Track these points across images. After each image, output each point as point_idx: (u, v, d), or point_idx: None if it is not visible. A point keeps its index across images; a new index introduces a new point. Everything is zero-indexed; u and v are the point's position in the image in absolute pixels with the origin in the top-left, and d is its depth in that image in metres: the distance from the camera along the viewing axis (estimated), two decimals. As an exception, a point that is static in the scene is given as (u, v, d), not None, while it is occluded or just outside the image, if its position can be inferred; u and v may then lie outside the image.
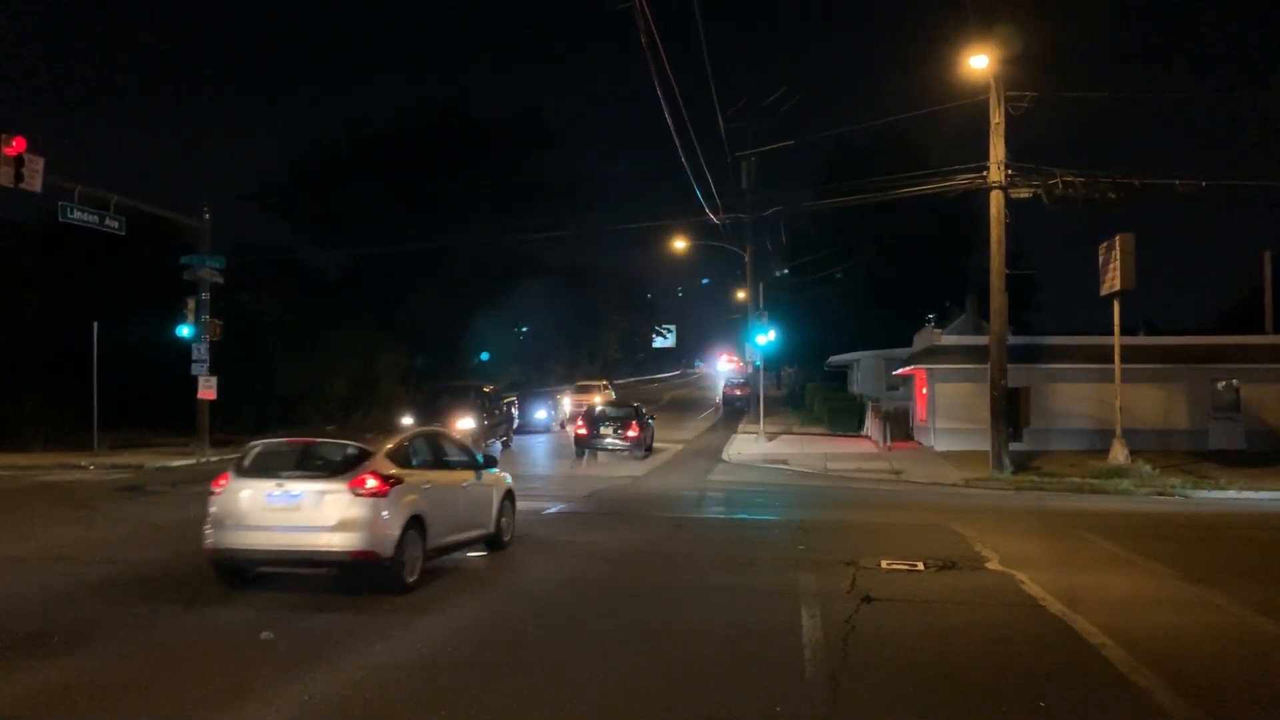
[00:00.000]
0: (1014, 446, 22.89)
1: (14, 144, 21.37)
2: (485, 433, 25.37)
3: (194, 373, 27.88)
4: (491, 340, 58.81)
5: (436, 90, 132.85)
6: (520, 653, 7.25)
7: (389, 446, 9.81)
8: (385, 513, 9.10)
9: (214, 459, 26.76)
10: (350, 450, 9.72)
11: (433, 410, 25.88)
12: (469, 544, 11.01)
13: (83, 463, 24.87)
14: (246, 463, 9.87)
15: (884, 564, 10.75)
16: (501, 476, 12.23)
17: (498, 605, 9.07)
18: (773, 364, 60.33)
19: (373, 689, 6.30)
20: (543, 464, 26.38)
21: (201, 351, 27.92)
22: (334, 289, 50.18)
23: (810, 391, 49.29)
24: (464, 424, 25.13)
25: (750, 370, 47.51)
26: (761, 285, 39.34)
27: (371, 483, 9.11)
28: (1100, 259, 23.52)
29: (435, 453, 10.87)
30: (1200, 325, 45.45)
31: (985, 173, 22.47)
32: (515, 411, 33.11)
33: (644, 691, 6.32)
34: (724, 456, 28.81)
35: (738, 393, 54.93)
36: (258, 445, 10.21)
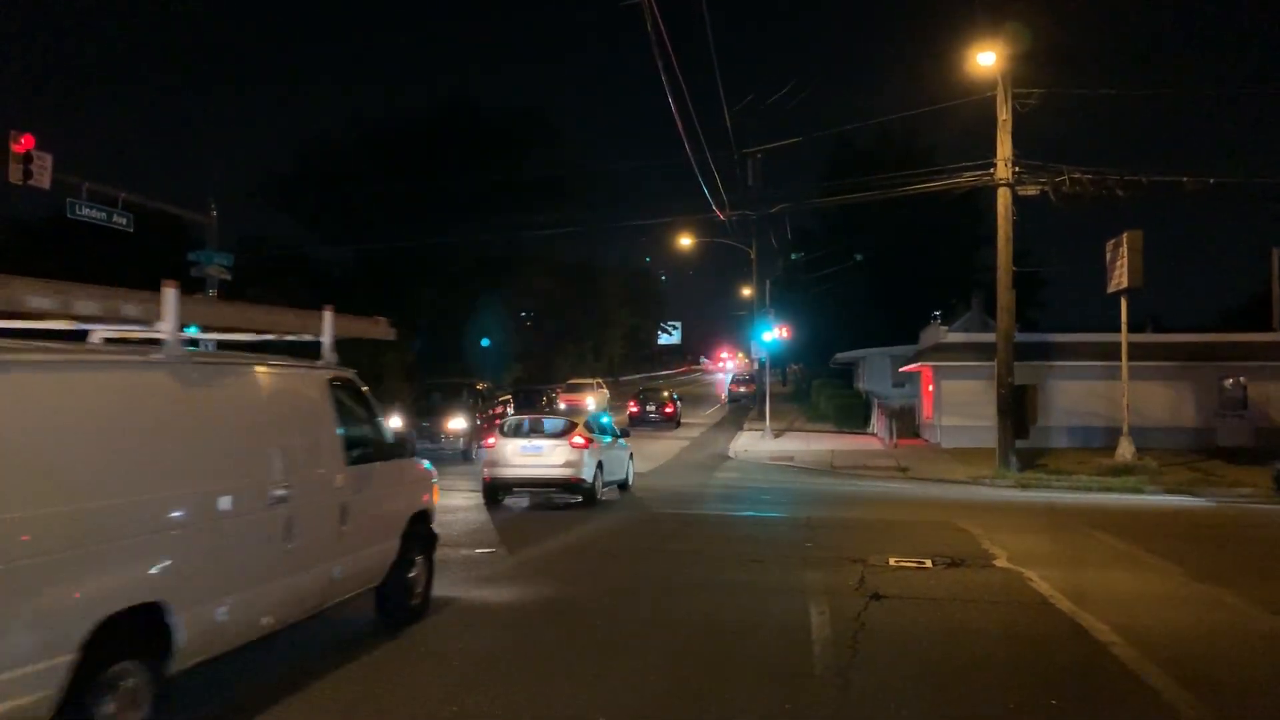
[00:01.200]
0: (1020, 444, 22.89)
1: (23, 141, 21.41)
2: (477, 432, 23.69)
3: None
4: (496, 337, 58.83)
5: (442, 85, 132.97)
6: (539, 656, 7.26)
7: (585, 421, 17.27)
8: (586, 457, 16.08)
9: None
10: (566, 422, 16.93)
11: (423, 409, 24.92)
12: (614, 484, 17.69)
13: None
14: (505, 429, 16.86)
15: (892, 561, 10.75)
16: (628, 447, 19.05)
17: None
18: (778, 361, 60.31)
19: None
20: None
21: (209, 348, 27.94)
22: (340, 285, 50.17)
23: (816, 388, 49.27)
24: (455, 423, 24.10)
25: (755, 367, 47.47)
26: (768, 282, 39.30)
27: (579, 440, 16.16)
28: (1108, 256, 23.49)
29: (601, 428, 17.69)
30: (1208, 323, 45.38)
31: (992, 170, 22.45)
32: (510, 410, 32.06)
33: (651, 687, 6.33)
34: (730, 453, 28.84)
35: (743, 389, 54.93)
36: (511, 419, 17.83)
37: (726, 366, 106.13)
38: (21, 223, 43.19)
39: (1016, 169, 22.28)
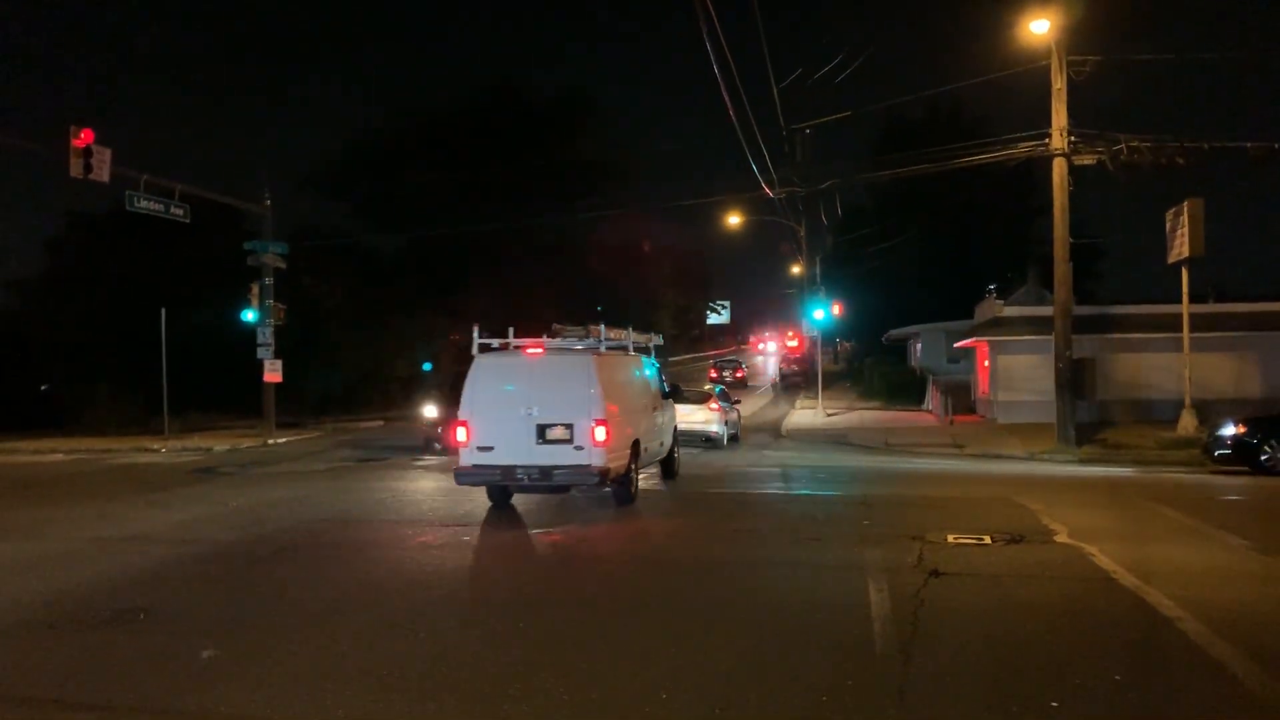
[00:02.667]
0: (1079, 418, 22.54)
1: (83, 136, 21.94)
2: None
3: (259, 357, 28.43)
4: (546, 320, 59.12)
5: (488, 70, 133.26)
6: (586, 626, 7.34)
7: (715, 392, 25.42)
8: (719, 418, 23.91)
9: (281, 440, 27.37)
10: (705, 391, 25.31)
11: (454, 394, 23.33)
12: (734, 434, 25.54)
13: (155, 446, 25.58)
14: (673, 385, 19.88)
15: (950, 538, 10.67)
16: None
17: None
18: (829, 338, 59.83)
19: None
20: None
21: (266, 335, 28.46)
22: (392, 272, 50.73)
23: (869, 365, 48.89)
24: None
25: (808, 345, 47.22)
26: (818, 259, 39.01)
27: (714, 405, 24.08)
28: (1168, 225, 23.00)
29: (726, 397, 25.55)
30: (1272, 292, 44.18)
31: (1047, 140, 22.02)
32: None
33: (713, 665, 6.37)
34: (783, 432, 28.76)
35: (794, 368, 54.63)
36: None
37: (767, 349, 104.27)
38: (82, 215, 44.17)
39: (1072, 138, 21.84)
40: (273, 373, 28.39)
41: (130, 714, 5.55)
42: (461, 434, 13.39)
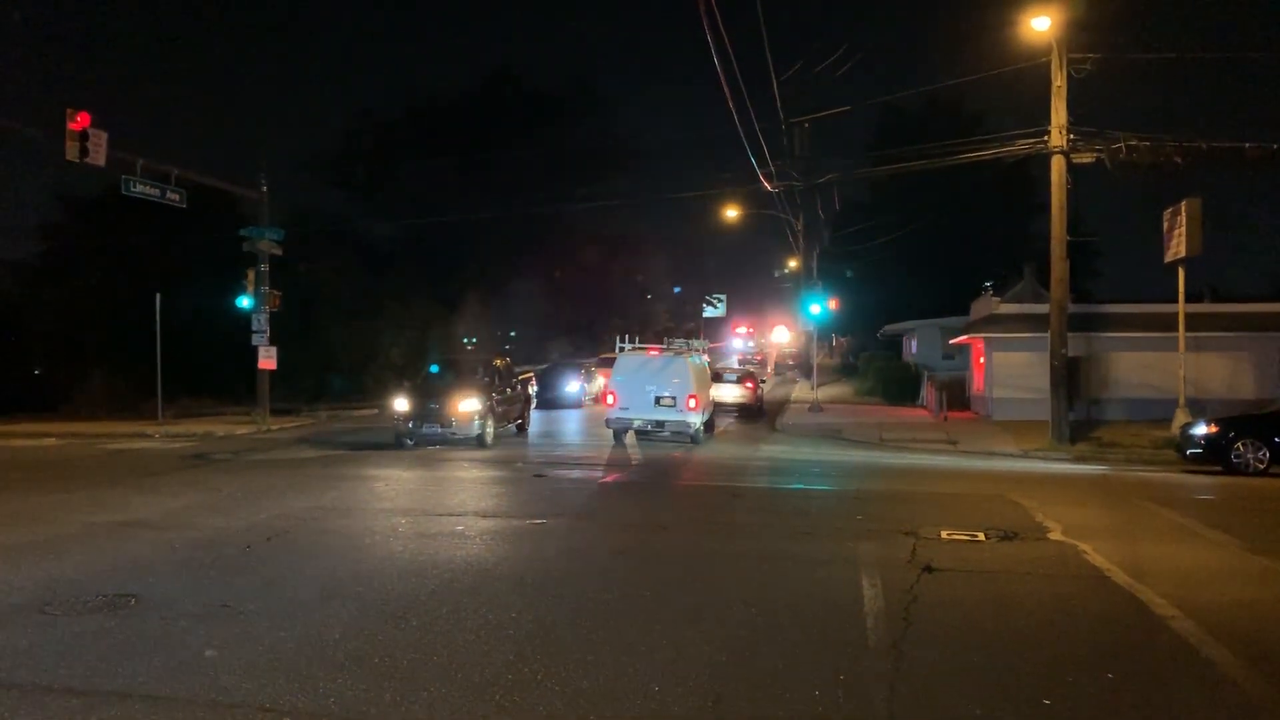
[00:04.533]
0: (1074, 416, 22.55)
1: (79, 119, 21.84)
2: (488, 413, 21.46)
3: (254, 343, 28.37)
4: (541, 310, 59.02)
5: (487, 58, 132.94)
6: (581, 618, 7.33)
7: (752, 371, 37.69)
8: (756, 393, 34.21)
9: (275, 428, 27.32)
10: (744, 373, 35.49)
11: (432, 387, 22.13)
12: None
13: (149, 431, 25.52)
14: (716, 370, 29.24)
15: (944, 534, 10.68)
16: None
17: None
18: (825, 333, 59.89)
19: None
20: (587, 434, 26.56)
21: (261, 322, 28.40)
22: (389, 259, 50.67)
23: (864, 361, 48.91)
24: (466, 405, 21.05)
25: (803, 339, 47.25)
26: (815, 253, 38.98)
27: (749, 385, 34.06)
28: (1165, 225, 23.00)
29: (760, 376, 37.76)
30: (1268, 292, 44.25)
31: (1046, 137, 22.02)
32: (532, 389, 29.16)
33: (704, 657, 6.37)
34: (777, 426, 28.77)
35: (790, 362, 54.72)
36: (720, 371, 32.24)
37: (738, 342, 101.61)
38: (75, 199, 44.02)
39: (1071, 136, 21.83)
40: (267, 359, 28.34)
41: (121, 699, 5.53)
42: (610, 399, 22.91)
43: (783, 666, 6.21)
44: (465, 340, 47.44)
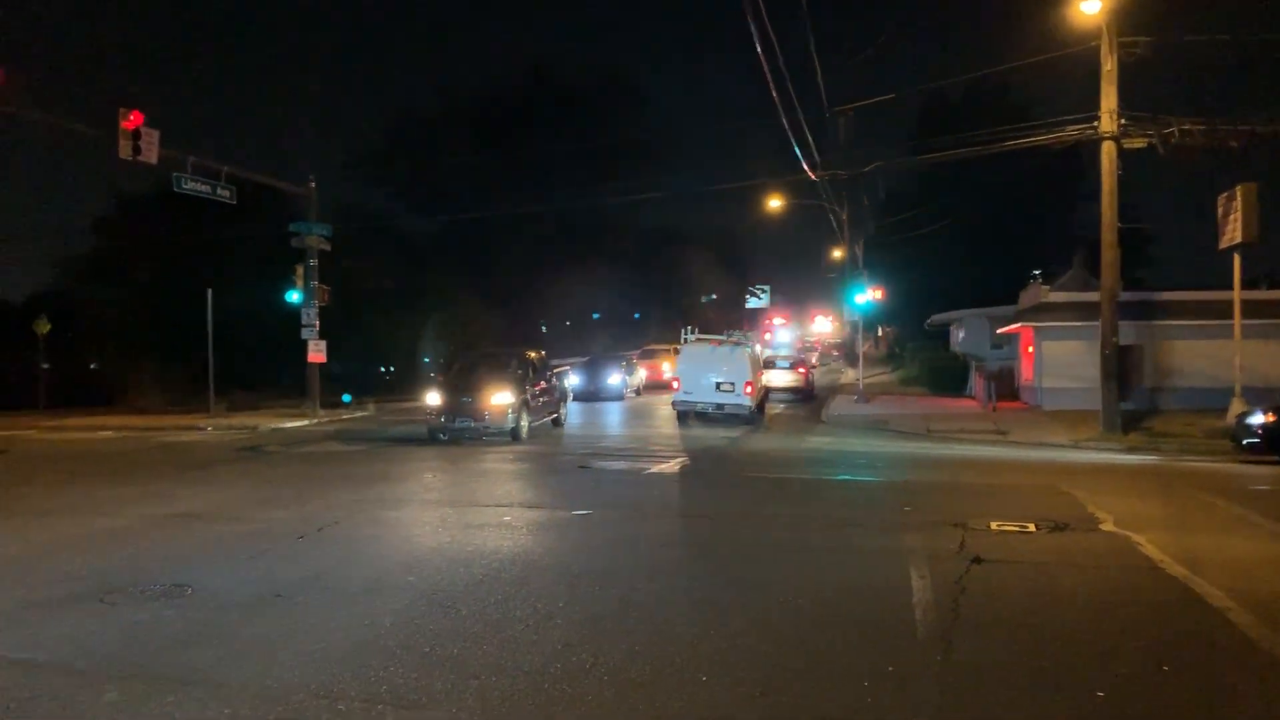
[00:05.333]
0: (1126, 406, 22.17)
1: (132, 118, 22.25)
2: (522, 406, 21.20)
3: (303, 337, 28.75)
4: (582, 303, 59.12)
5: (527, 52, 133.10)
6: (627, 608, 7.36)
7: (803, 358, 41.64)
8: (808, 379, 36.95)
9: (325, 420, 27.68)
10: (796, 359, 39.03)
11: (464, 381, 21.97)
12: None
13: (201, 424, 25.97)
14: (769, 358, 34.42)
15: (993, 525, 10.56)
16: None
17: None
18: (870, 323, 59.45)
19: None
20: (629, 426, 26.60)
21: (310, 316, 28.76)
22: (431, 254, 51.07)
23: (910, 351, 48.47)
24: (499, 398, 20.80)
25: (847, 330, 46.95)
26: (860, 244, 38.67)
27: (801, 370, 36.84)
28: (1219, 210, 22.51)
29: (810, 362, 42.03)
30: (1327, 278, 43.10)
31: (1095, 123, 21.62)
32: (569, 383, 28.76)
33: (751, 647, 6.36)
34: (823, 418, 28.60)
35: (834, 352, 54.38)
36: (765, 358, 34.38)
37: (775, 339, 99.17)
38: (128, 196, 44.85)
39: (1122, 121, 21.43)
40: (316, 353, 28.71)
41: (181, 685, 5.64)
42: (675, 384, 25.62)
43: (830, 657, 6.19)
44: (501, 332, 47.64)
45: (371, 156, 55.91)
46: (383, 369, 40.73)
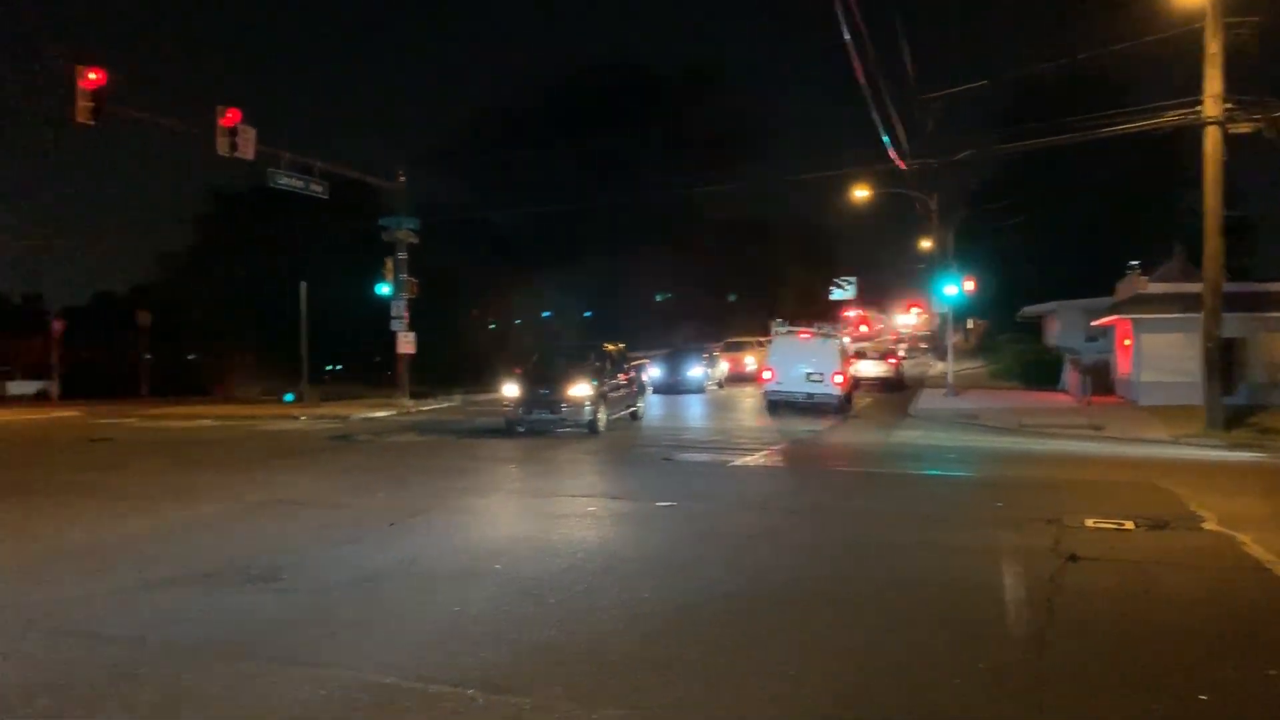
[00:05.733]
0: (1230, 401, 21.33)
1: (229, 115, 22.90)
2: (600, 399, 20.98)
3: (393, 329, 29.32)
4: (664, 297, 59.14)
5: (610, 42, 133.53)
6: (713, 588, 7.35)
7: (892, 349, 44.66)
8: (898, 369, 39.26)
9: (413, 410, 28.22)
10: (886, 351, 41.66)
11: (542, 373, 22.00)
12: None
13: (295, 414, 26.70)
14: (859, 349, 38.12)
15: (1089, 522, 10.27)
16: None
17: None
18: (959, 314, 58.27)
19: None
20: (711, 418, 26.54)
21: (400, 308, 29.33)
22: (515, 247, 51.61)
23: (1001, 344, 47.36)
24: (577, 391, 20.74)
25: (935, 321, 46.18)
26: (950, 234, 37.93)
27: (891, 361, 39.32)
28: (1333, 197, 21.51)
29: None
30: None
31: (1199, 108, 20.80)
32: (647, 376, 28.38)
33: (838, 643, 6.30)
34: (910, 411, 28.14)
35: (922, 345, 53.50)
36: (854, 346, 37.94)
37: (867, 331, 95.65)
38: (225, 192, 46.32)
39: (1227, 105, 20.57)
40: (406, 345, 29.27)
41: (281, 666, 5.81)
42: (767, 374, 26.58)
43: (920, 654, 6.09)
44: (584, 325, 47.92)
45: (455, 149, 56.76)
46: (468, 360, 41.32)
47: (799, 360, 25.94)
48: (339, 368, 37.37)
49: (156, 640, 6.36)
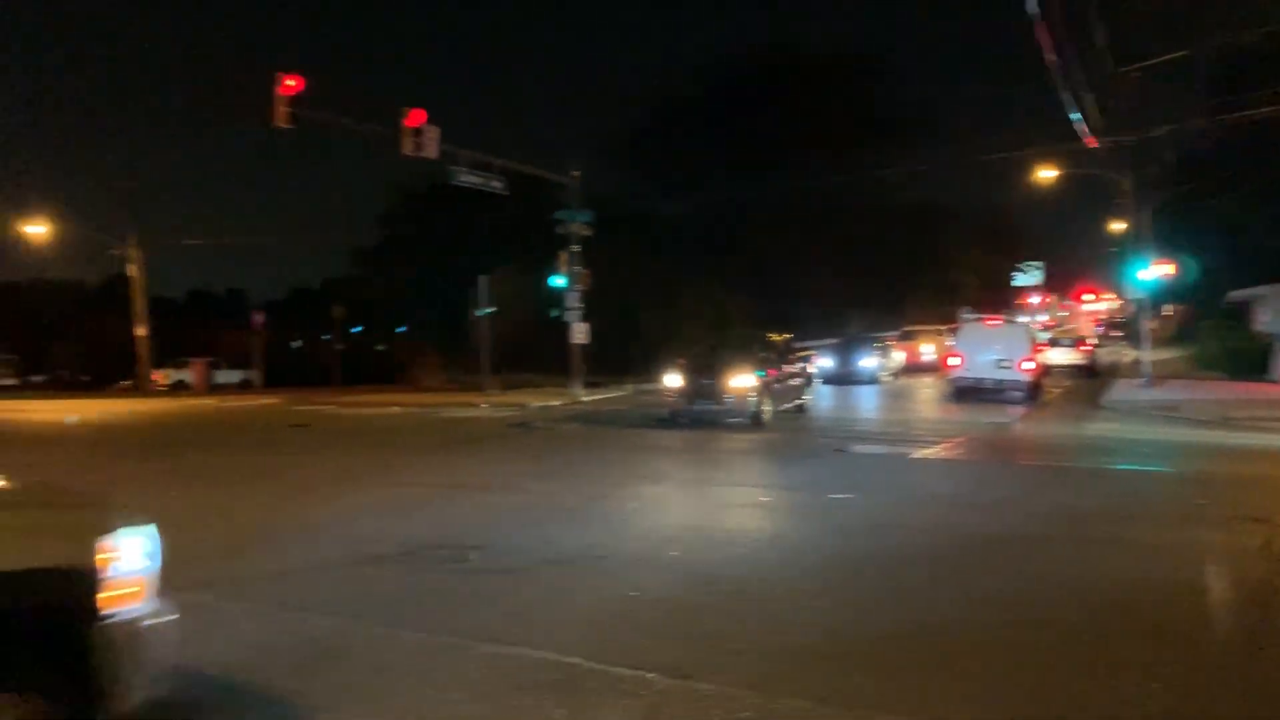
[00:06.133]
0: None
1: (413, 116, 23.92)
2: (765, 391, 20.41)
3: (566, 320, 29.99)
4: (836, 283, 58.02)
5: (773, 29, 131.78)
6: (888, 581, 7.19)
7: (1085, 335, 42.02)
8: (1092, 355, 39.42)
9: (586, 399, 28.82)
10: (1079, 337, 42.06)
11: (705, 364, 21.41)
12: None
13: (476, 401, 27.72)
14: (1050, 336, 40.16)
15: (1305, 523, 9.50)
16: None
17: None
18: (1156, 301, 54.86)
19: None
20: (886, 410, 25.97)
21: (573, 300, 29.96)
22: (682, 236, 51.74)
23: (1204, 331, 44.30)
24: (740, 381, 20.25)
25: (1129, 307, 43.67)
26: (1145, 216, 35.70)
27: (1085, 348, 39.34)
28: None
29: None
30: None
31: None
32: (813, 368, 27.04)
33: (1026, 642, 6.04)
34: (1103, 403, 26.71)
35: (1115, 333, 50.73)
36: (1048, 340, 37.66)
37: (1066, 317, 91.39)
38: (409, 190, 48.51)
39: None
40: (579, 335, 29.91)
41: (465, 639, 6.05)
42: (955, 361, 26.56)
43: (1117, 656, 5.77)
44: (750, 314, 47.61)
45: (619, 142, 57.39)
46: (638, 350, 41.85)
47: (987, 346, 25.79)
48: (516, 356, 38.50)
49: (354, 616, 6.72)
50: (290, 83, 20.87)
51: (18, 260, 48.71)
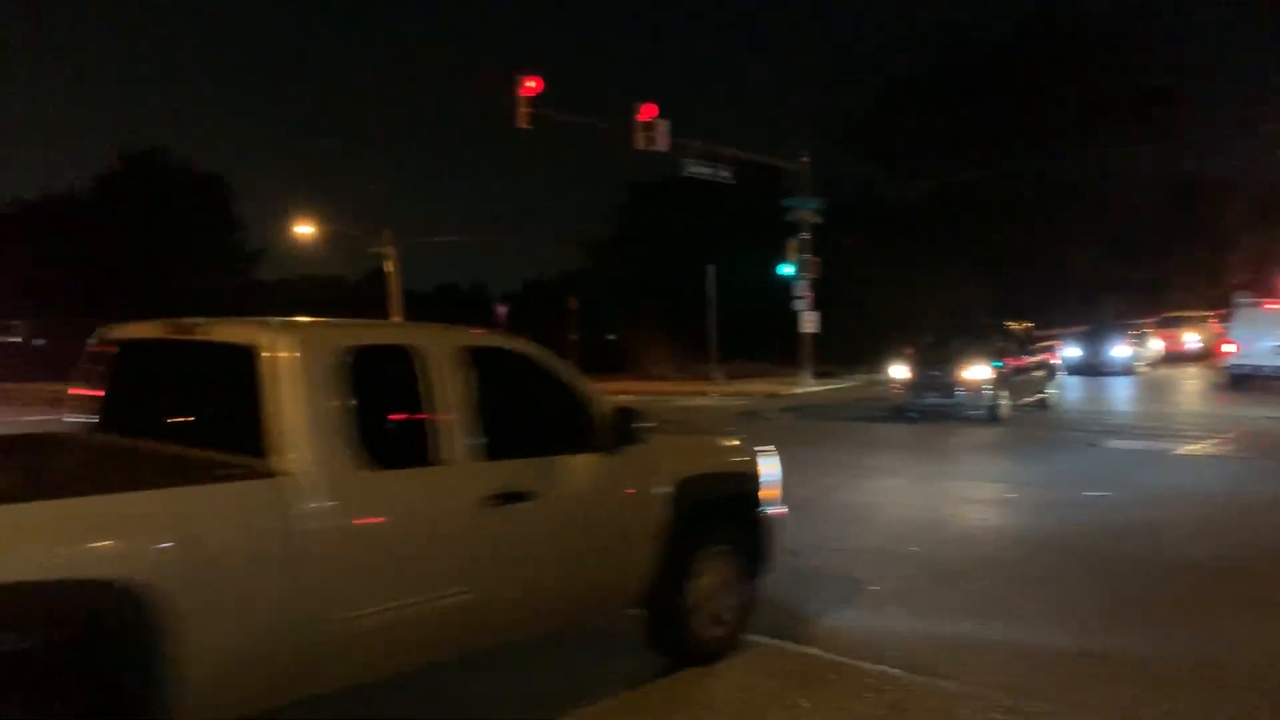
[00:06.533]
0: None
1: (644, 111, 24.34)
2: (1001, 384, 19.18)
3: (796, 309, 29.76)
4: (1086, 268, 54.50)
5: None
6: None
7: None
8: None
9: (815, 388, 28.54)
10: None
11: (935, 356, 20.31)
12: None
13: (705, 390, 28.04)
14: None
15: None
16: None
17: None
18: None
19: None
20: (1142, 402, 24.22)
21: (802, 288, 29.69)
22: (915, 221, 50.05)
23: None
24: (974, 373, 19.07)
25: None
26: None
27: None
28: None
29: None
30: None
31: None
32: (1056, 360, 24.33)
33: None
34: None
35: None
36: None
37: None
38: (639, 183, 49.67)
39: None
40: (809, 324, 29.63)
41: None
42: (1229, 348, 25.02)
43: None
44: (988, 302, 45.49)
45: (852, 126, 56.06)
46: (871, 339, 40.98)
47: (1267, 332, 23.90)
48: (743, 345, 38.57)
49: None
50: (530, 84, 21.68)
51: (289, 257, 53.36)
